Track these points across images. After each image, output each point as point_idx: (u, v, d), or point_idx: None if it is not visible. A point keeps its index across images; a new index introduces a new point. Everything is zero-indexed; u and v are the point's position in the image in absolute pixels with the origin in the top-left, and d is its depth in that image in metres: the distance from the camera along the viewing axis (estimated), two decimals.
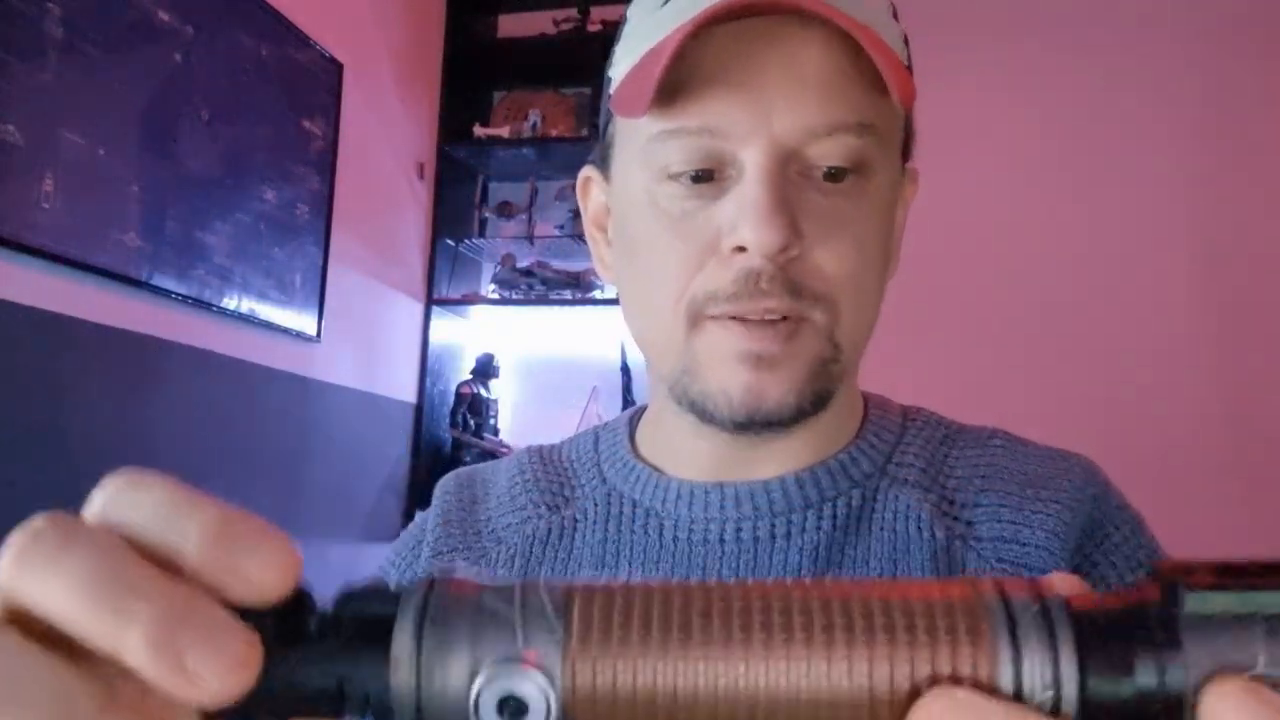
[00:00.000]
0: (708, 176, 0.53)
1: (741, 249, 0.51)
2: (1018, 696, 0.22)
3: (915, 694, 0.23)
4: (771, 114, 0.51)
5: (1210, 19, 2.65)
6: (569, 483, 0.66)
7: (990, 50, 2.81)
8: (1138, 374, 2.56)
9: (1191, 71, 2.67)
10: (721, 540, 0.58)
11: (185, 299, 2.00)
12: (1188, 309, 2.58)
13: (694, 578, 0.56)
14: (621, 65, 0.57)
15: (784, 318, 0.52)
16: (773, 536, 0.57)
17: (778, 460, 0.59)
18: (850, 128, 0.52)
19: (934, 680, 0.23)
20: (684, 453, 0.61)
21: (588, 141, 2.97)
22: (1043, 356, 2.62)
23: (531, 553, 0.63)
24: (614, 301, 2.93)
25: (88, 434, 1.79)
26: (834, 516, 0.57)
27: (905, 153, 0.60)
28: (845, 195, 0.53)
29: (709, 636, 0.23)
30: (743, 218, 0.51)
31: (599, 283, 2.99)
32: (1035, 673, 0.22)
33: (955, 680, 0.23)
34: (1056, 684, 0.22)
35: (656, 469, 0.62)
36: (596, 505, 0.63)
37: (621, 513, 0.62)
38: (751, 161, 0.51)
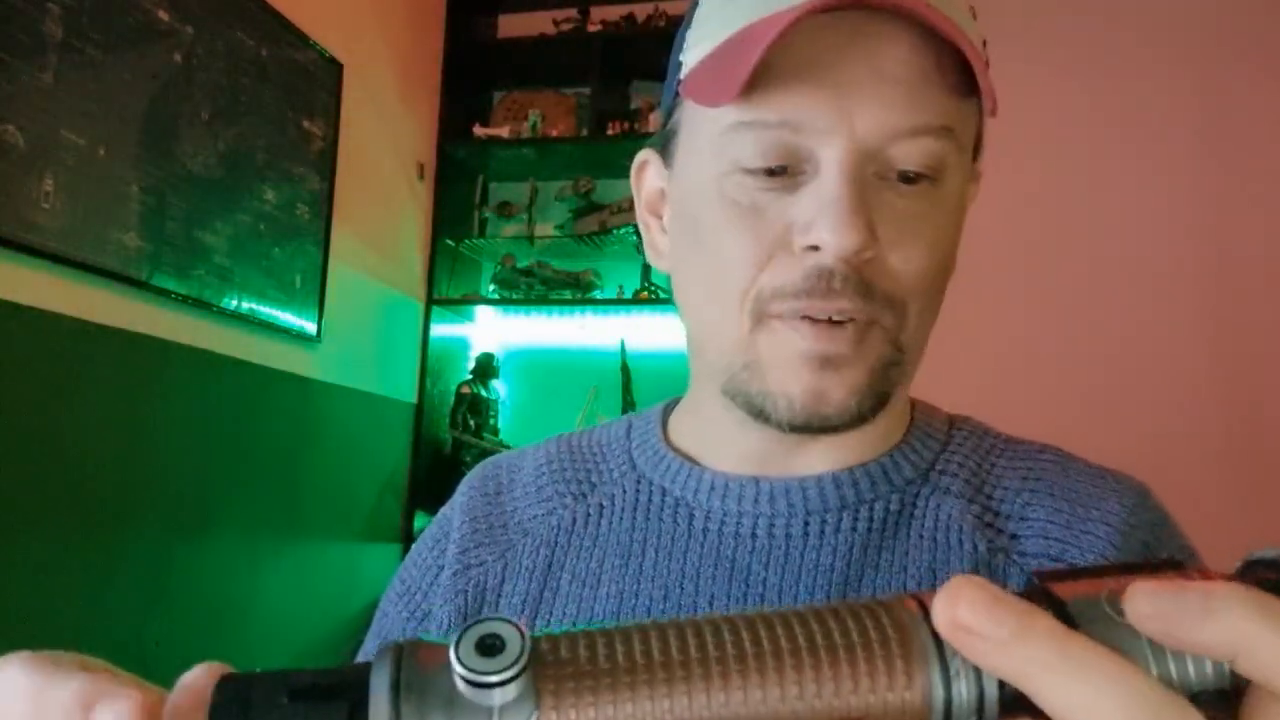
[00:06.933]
0: (780, 171, 0.51)
1: (814, 248, 0.50)
2: (947, 703, 0.25)
3: (847, 714, 0.25)
4: (854, 112, 0.49)
5: (1211, 28, 2.65)
6: (596, 468, 0.64)
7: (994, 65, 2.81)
8: (1138, 377, 2.56)
9: (1192, 80, 2.67)
10: (754, 535, 0.56)
11: (185, 299, 2.00)
12: (1189, 312, 2.58)
13: (722, 569, 0.56)
14: (695, 50, 0.55)
15: (853, 319, 0.51)
16: (806, 534, 0.56)
17: (819, 460, 0.57)
18: (933, 130, 0.50)
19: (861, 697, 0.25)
20: (724, 446, 0.59)
21: (587, 141, 2.97)
22: (1044, 359, 2.62)
23: (557, 542, 0.61)
24: (613, 301, 2.93)
25: (88, 434, 1.79)
26: (871, 519, 0.56)
27: (975, 154, 0.58)
28: (920, 198, 0.52)
29: (669, 666, 0.25)
30: (822, 217, 0.49)
31: (599, 283, 2.99)
32: (961, 677, 0.25)
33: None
34: (979, 684, 0.25)
35: (691, 460, 0.61)
36: (625, 491, 0.62)
37: (650, 500, 0.60)
38: (831, 159, 0.50)
